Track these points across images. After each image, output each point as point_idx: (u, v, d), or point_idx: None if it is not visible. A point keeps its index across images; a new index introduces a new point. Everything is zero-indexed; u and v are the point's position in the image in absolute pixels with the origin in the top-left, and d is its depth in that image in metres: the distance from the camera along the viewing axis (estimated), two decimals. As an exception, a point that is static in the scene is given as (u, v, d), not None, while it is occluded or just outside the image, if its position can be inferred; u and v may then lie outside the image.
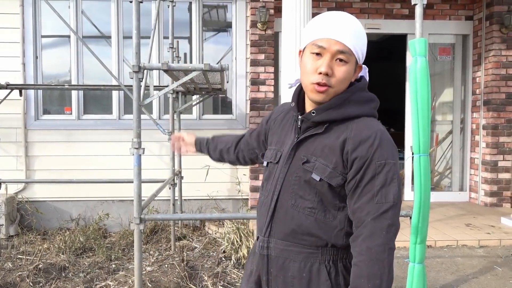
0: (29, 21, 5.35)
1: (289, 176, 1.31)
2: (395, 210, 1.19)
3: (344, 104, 1.26)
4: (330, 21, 1.25)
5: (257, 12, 5.14)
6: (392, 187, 1.19)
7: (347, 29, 1.24)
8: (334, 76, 1.23)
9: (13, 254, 4.38)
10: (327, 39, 1.23)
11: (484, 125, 5.71)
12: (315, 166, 1.25)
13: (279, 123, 1.46)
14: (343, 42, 1.22)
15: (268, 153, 1.44)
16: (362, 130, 1.22)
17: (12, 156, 5.33)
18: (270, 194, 1.35)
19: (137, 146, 2.85)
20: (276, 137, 1.43)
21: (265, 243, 1.34)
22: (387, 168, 1.19)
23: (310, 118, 1.28)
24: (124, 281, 3.72)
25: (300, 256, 1.29)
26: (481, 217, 4.96)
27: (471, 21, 5.92)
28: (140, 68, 2.83)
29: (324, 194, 1.26)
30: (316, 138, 1.29)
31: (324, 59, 1.23)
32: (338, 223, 1.27)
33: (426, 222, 2.68)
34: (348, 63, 1.25)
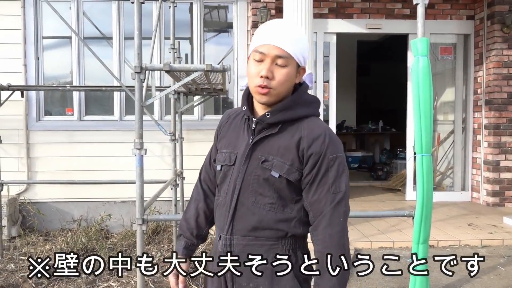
0: (31, 22, 5.36)
1: (248, 176, 1.39)
2: (347, 197, 1.36)
3: (295, 106, 1.37)
4: (270, 29, 1.35)
5: (258, 13, 5.14)
6: (343, 177, 1.35)
7: (285, 35, 1.33)
8: (275, 79, 1.33)
9: (16, 255, 4.38)
10: (267, 45, 1.33)
11: (486, 125, 5.70)
12: (274, 164, 1.35)
13: (227, 128, 1.52)
14: (281, 47, 1.32)
15: (220, 156, 1.49)
16: (313, 129, 1.35)
17: (14, 157, 5.33)
18: (229, 194, 1.42)
19: (139, 147, 2.85)
20: (227, 141, 1.49)
21: (227, 241, 1.41)
22: (338, 161, 1.34)
23: (265, 120, 1.37)
24: (126, 282, 3.72)
25: (263, 249, 1.38)
26: (483, 217, 4.96)
27: (473, 21, 5.91)
28: (142, 69, 2.84)
29: (282, 189, 1.36)
30: (270, 138, 1.38)
31: (265, 64, 1.33)
32: (295, 214, 1.38)
33: (428, 222, 2.68)
34: (287, 66, 1.34)
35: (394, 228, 4.38)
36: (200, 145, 5.36)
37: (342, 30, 5.71)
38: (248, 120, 1.43)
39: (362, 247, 3.91)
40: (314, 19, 4.18)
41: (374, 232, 4.24)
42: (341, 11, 5.69)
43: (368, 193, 6.38)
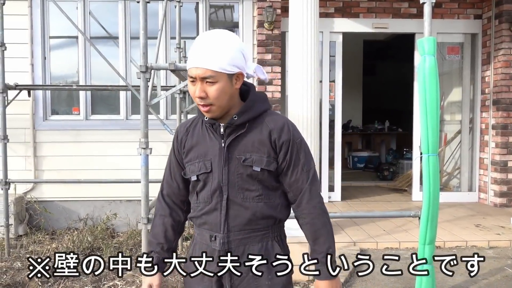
0: (37, 22, 5.39)
1: (231, 176, 1.48)
2: (316, 172, 1.56)
3: (255, 104, 1.50)
4: (195, 49, 1.40)
5: (264, 12, 5.13)
6: (309, 155, 1.53)
7: (207, 52, 1.37)
8: (209, 97, 1.41)
9: (22, 254, 4.41)
10: (194, 67, 1.39)
11: (493, 125, 5.65)
12: (254, 160, 1.47)
13: (190, 140, 1.56)
14: (204, 67, 1.37)
15: (192, 167, 1.53)
16: (277, 121, 1.50)
17: (21, 156, 5.37)
18: (215, 199, 1.49)
19: (144, 146, 2.86)
20: (195, 152, 1.54)
21: (225, 239, 1.49)
22: (303, 143, 1.52)
23: (233, 123, 1.46)
24: (131, 281, 3.73)
25: (257, 238, 1.50)
26: (490, 217, 4.92)
27: (480, 20, 5.86)
28: (147, 68, 2.84)
29: (264, 180, 1.49)
30: (241, 138, 1.48)
31: (197, 85, 1.41)
32: (279, 200, 1.53)
33: (435, 223, 2.66)
34: (217, 82, 1.39)
35: (400, 229, 4.36)
36: (205, 144, 5.36)
37: (348, 29, 5.69)
38: (212, 127, 1.50)
39: (367, 247, 3.89)
40: (320, 18, 4.17)
41: (380, 233, 4.22)
42: (347, 11, 5.67)
43: (374, 194, 6.35)
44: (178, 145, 1.60)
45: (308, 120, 3.73)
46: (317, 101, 3.84)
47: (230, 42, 1.42)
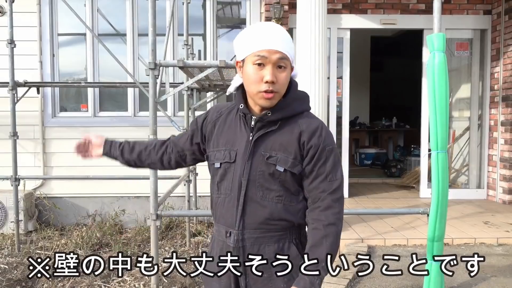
0: (46, 20, 5.42)
1: (253, 172, 1.44)
2: (342, 185, 1.45)
3: (293, 103, 1.45)
4: (265, 33, 1.39)
5: (271, 9, 5.12)
6: (338, 166, 1.45)
7: (279, 37, 1.39)
8: (278, 83, 1.38)
9: (32, 249, 4.46)
10: (267, 49, 1.36)
11: (502, 122, 5.60)
12: (278, 159, 1.42)
13: (221, 125, 1.54)
14: (281, 50, 1.37)
15: (218, 154, 1.51)
16: (310, 123, 1.44)
17: (30, 153, 5.42)
18: (234, 191, 1.46)
19: (153, 143, 2.87)
20: (223, 138, 1.51)
21: (239, 236, 1.45)
22: (334, 152, 1.45)
23: (266, 118, 1.42)
24: (140, 276, 3.76)
25: (273, 239, 1.45)
26: (499, 215, 4.88)
27: (490, 16, 5.80)
28: (156, 65, 2.85)
29: (286, 182, 1.43)
30: (271, 135, 1.44)
31: (268, 69, 1.36)
32: (301, 206, 1.46)
33: (443, 220, 2.65)
34: (287, 68, 1.41)
35: (408, 226, 4.34)
36: (213, 141, 5.37)
37: (356, 25, 5.66)
38: (245, 118, 1.47)
39: (375, 244, 3.88)
40: (328, 14, 4.15)
41: (387, 230, 4.21)
42: (355, 7, 5.63)
43: (382, 190, 6.32)
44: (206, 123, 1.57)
45: (316, 116, 3.72)
46: (324, 97, 3.83)
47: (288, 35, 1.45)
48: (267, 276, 1.44)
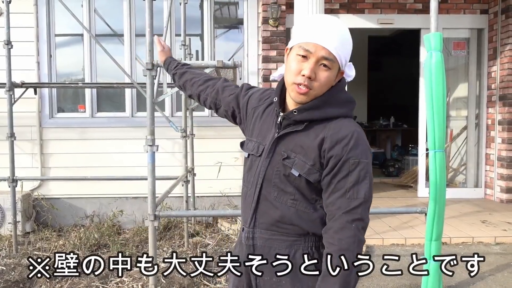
0: (43, 20, 5.41)
1: (270, 170, 1.37)
2: (365, 206, 1.27)
3: (325, 105, 1.32)
4: (319, 26, 1.30)
5: (268, 9, 5.12)
6: (364, 184, 1.26)
7: (334, 36, 1.29)
8: (317, 81, 1.29)
9: (30, 250, 4.45)
10: (314, 44, 1.28)
11: (499, 121, 5.62)
12: (295, 162, 1.33)
13: (260, 114, 1.49)
14: (329, 49, 1.28)
15: (249, 144, 1.47)
16: (339, 130, 1.29)
17: (28, 154, 5.40)
18: (253, 187, 1.41)
19: (151, 143, 2.87)
20: (257, 129, 1.47)
21: (250, 234, 1.42)
22: (361, 166, 1.26)
23: (291, 117, 1.34)
24: (138, 277, 3.75)
25: (285, 244, 1.37)
26: (497, 213, 4.90)
27: (486, 15, 5.82)
28: (153, 66, 2.85)
29: (302, 188, 1.34)
30: (295, 135, 1.35)
31: (309, 63, 1.28)
32: (318, 215, 1.35)
33: (441, 219, 2.66)
34: (331, 69, 1.30)
35: (406, 225, 4.35)
36: (211, 141, 5.37)
37: (353, 25, 5.66)
38: (277, 113, 1.41)
39: (373, 244, 3.89)
40: (325, 14, 4.16)
41: (385, 229, 4.21)
42: (352, 6, 5.64)
43: (380, 190, 6.33)
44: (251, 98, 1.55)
45: (314, 116, 3.72)
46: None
47: (350, 37, 1.35)
48: (276, 281, 1.38)
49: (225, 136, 5.30)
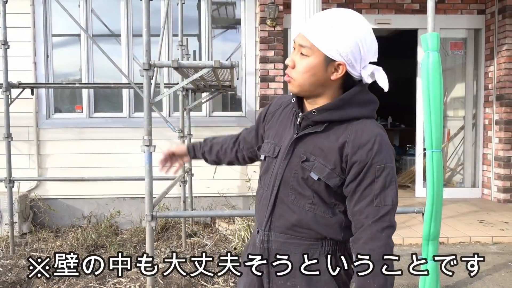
0: (40, 20, 5.39)
1: (288, 172, 1.32)
2: (393, 213, 1.25)
3: (345, 106, 1.26)
4: (312, 17, 1.28)
5: (266, 9, 5.12)
6: (390, 190, 1.23)
7: (317, 23, 1.23)
8: (296, 69, 1.27)
9: (27, 251, 4.44)
10: (298, 33, 1.28)
11: (497, 120, 5.63)
12: (314, 166, 1.28)
13: (277, 117, 1.45)
14: (305, 35, 1.24)
15: (265, 146, 1.44)
16: (362, 134, 1.23)
17: (25, 154, 5.39)
18: (269, 189, 1.37)
19: (148, 144, 2.86)
20: (274, 131, 1.43)
21: (265, 237, 1.38)
22: (386, 172, 1.22)
23: (310, 117, 1.29)
24: (136, 278, 3.74)
25: (300, 248, 1.33)
26: (494, 213, 4.91)
27: (483, 15, 5.84)
28: (150, 66, 2.84)
29: (320, 192, 1.29)
30: (315, 136, 1.30)
31: (293, 52, 1.28)
32: (336, 220, 1.31)
33: (438, 219, 2.66)
34: (309, 57, 1.24)
35: (404, 225, 4.35)
36: (208, 141, 5.36)
37: (351, 25, 5.66)
38: (296, 114, 1.37)
39: (371, 243, 3.89)
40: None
41: (383, 229, 4.22)
42: (350, 6, 5.63)
43: (377, 190, 6.34)
44: (268, 114, 1.51)
45: (311, 116, 3.72)
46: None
47: (349, 26, 1.23)
48: (290, 284, 1.34)
49: (222, 136, 5.29)
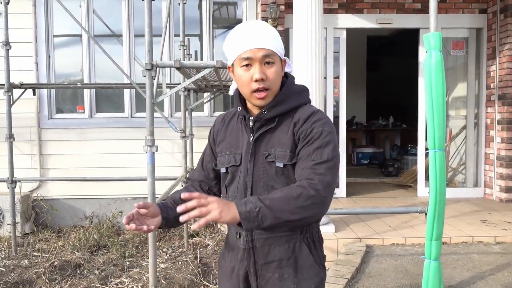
0: (41, 21, 5.40)
1: (256, 171, 1.43)
2: (329, 165, 1.32)
3: (287, 98, 1.43)
4: (247, 33, 1.39)
5: (267, 9, 5.12)
6: (327, 148, 1.34)
7: (263, 34, 1.38)
8: (268, 79, 1.38)
9: (29, 252, 4.44)
10: (250, 50, 1.36)
11: (499, 120, 5.62)
12: (277, 156, 1.40)
13: (224, 132, 1.55)
14: (265, 47, 1.37)
15: (222, 159, 1.51)
16: (304, 112, 1.41)
17: (27, 154, 5.39)
18: (241, 193, 1.44)
19: (150, 144, 2.86)
20: (227, 144, 1.51)
21: (249, 237, 1.44)
22: (324, 134, 1.36)
23: (262, 117, 1.41)
24: (138, 278, 3.75)
25: (283, 239, 1.43)
26: (496, 213, 4.90)
27: (485, 15, 5.82)
28: (152, 66, 2.84)
29: (290, 177, 1.40)
30: (270, 132, 1.43)
31: (255, 67, 1.37)
32: None
33: (441, 219, 2.65)
34: (275, 63, 1.39)
35: (406, 225, 4.35)
36: (210, 142, 5.37)
37: (352, 25, 5.66)
38: (245, 119, 1.47)
39: (373, 243, 3.88)
40: (324, 14, 4.15)
41: (385, 229, 4.21)
42: (351, 6, 5.64)
43: (379, 190, 6.33)
44: (214, 136, 1.58)
45: (313, 116, 3.72)
46: (321, 97, 3.83)
47: (273, 28, 1.45)
48: (278, 276, 1.44)
49: (224, 136, 5.29)
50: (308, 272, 1.43)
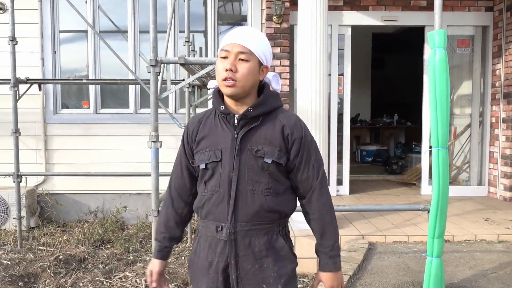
0: (47, 17, 5.43)
1: (242, 166, 1.51)
2: (324, 169, 1.62)
3: (268, 100, 1.56)
4: (235, 32, 1.53)
5: (272, 5, 5.11)
6: (318, 153, 1.60)
7: (246, 35, 1.51)
8: (238, 72, 1.48)
9: (34, 246, 4.48)
10: (231, 44, 1.50)
11: (504, 118, 5.60)
12: (265, 152, 1.51)
13: (202, 131, 1.60)
14: (242, 44, 1.49)
15: (202, 156, 1.56)
16: (289, 118, 1.57)
17: (32, 149, 5.44)
18: (224, 187, 1.52)
19: (154, 140, 2.88)
20: (206, 142, 1.57)
21: (231, 229, 1.51)
22: (313, 141, 1.60)
23: (248, 115, 1.52)
24: (142, 272, 3.78)
25: (263, 231, 1.53)
26: (500, 211, 4.89)
27: (491, 12, 5.79)
28: (157, 62, 2.86)
29: (274, 173, 1.53)
30: (255, 130, 1.53)
31: (229, 59, 1.49)
32: (286, 196, 1.58)
33: (444, 216, 2.66)
34: (249, 61, 1.50)
35: (409, 222, 4.35)
36: (214, 138, 5.38)
37: (357, 22, 5.65)
38: (226, 118, 1.55)
39: (376, 241, 3.89)
40: (329, 11, 4.15)
41: (388, 226, 4.22)
42: (356, 3, 5.62)
43: (382, 187, 6.33)
44: (188, 137, 1.63)
45: (317, 113, 3.72)
46: (326, 94, 3.83)
47: (265, 37, 1.59)
48: (258, 266, 1.52)
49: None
50: (285, 260, 1.56)
